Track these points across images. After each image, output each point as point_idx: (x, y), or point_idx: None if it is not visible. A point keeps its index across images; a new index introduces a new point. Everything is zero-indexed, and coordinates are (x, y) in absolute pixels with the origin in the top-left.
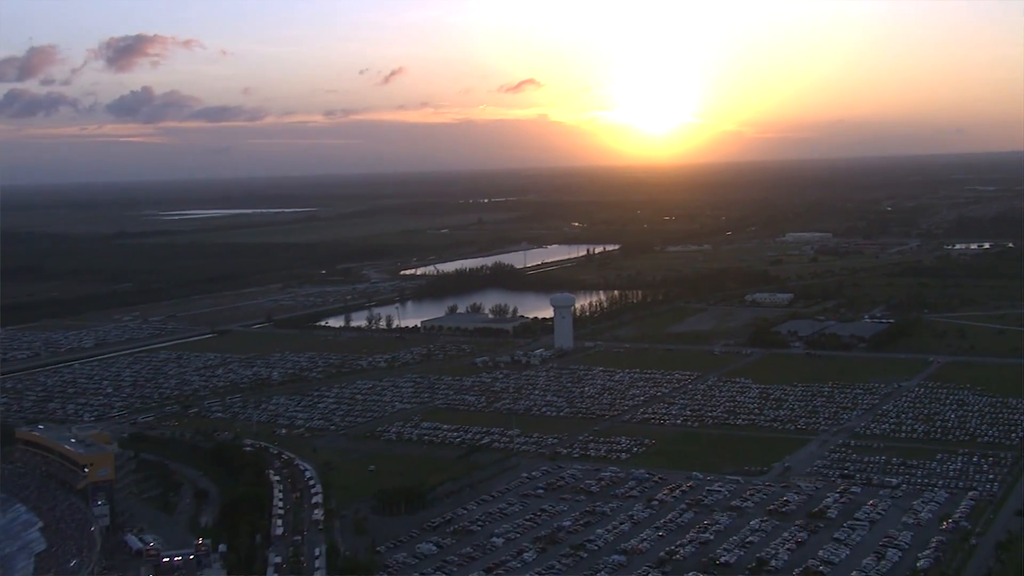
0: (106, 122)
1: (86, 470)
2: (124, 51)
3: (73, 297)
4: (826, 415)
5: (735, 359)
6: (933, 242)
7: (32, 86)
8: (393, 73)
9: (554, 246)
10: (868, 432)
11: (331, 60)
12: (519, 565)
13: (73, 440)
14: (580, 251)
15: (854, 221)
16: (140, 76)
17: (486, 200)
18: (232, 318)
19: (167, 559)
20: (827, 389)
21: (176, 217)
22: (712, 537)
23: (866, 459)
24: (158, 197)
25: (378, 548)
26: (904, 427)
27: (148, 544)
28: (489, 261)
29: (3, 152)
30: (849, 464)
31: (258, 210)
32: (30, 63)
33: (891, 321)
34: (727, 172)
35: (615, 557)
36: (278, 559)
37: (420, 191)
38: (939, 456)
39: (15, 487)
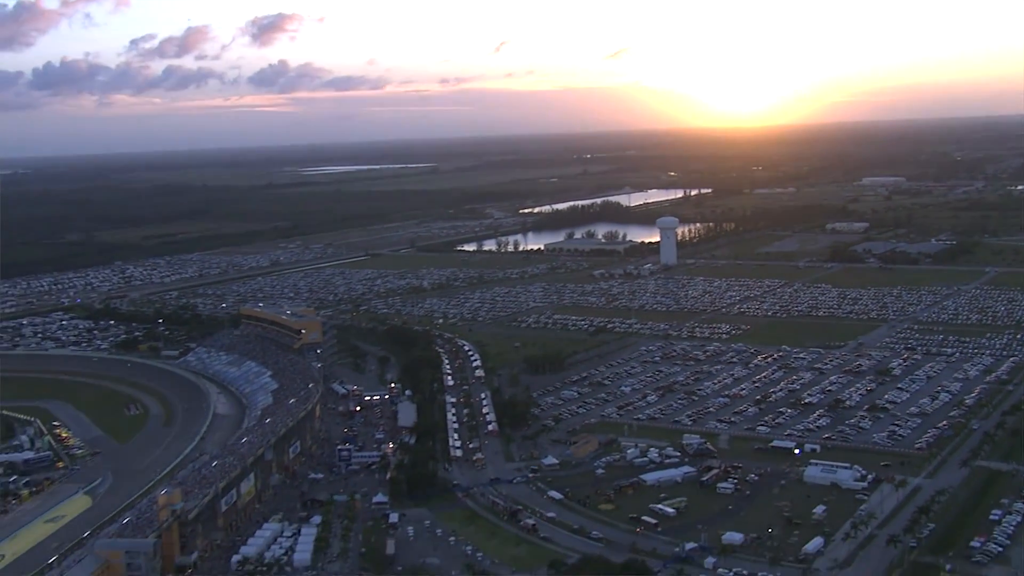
0: (247, 93)
1: (302, 332)
2: (266, 28)
3: (242, 232)
4: (895, 309)
5: (817, 271)
6: (997, 184)
7: (187, 62)
8: (502, 43)
9: (653, 191)
10: (930, 320)
11: (446, 32)
12: (644, 404)
13: (288, 312)
14: (677, 194)
15: (925, 168)
16: (278, 51)
17: (588, 156)
18: (380, 245)
19: (368, 397)
20: (896, 291)
21: (314, 172)
22: (798, 387)
23: (927, 338)
24: (294, 159)
25: (532, 394)
26: (961, 316)
27: (353, 387)
28: (597, 201)
29: (160, 121)
30: (912, 341)
31: (384, 166)
32: (187, 41)
33: (954, 242)
34: (811, 132)
35: (720, 399)
36: (453, 399)
37: (527, 150)
38: (988, 335)
39: (244, 349)
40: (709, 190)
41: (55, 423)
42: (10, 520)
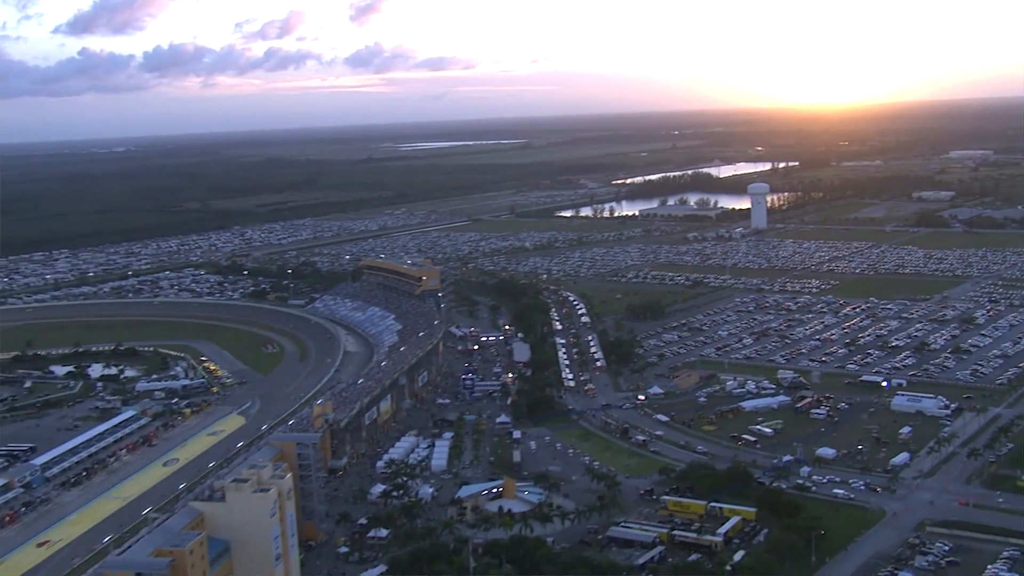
0: (343, 74)
1: (422, 280)
2: (363, 10)
3: (348, 200)
4: (979, 267)
5: (903, 235)
6: None
7: (287, 44)
8: (589, 26)
9: (741, 163)
10: (1014, 277)
11: (534, 13)
12: (740, 346)
13: (408, 262)
14: (765, 166)
15: (1012, 142)
16: (373, 32)
17: (676, 132)
18: (480, 211)
19: (484, 338)
20: (981, 252)
21: (409, 148)
22: (885, 332)
23: (1011, 292)
24: (389, 136)
25: (635, 336)
26: None
27: (470, 329)
28: (687, 172)
29: (261, 101)
30: (996, 295)
31: (477, 142)
32: (288, 23)
33: None
34: (897, 109)
35: (811, 342)
36: (562, 341)
37: (616, 127)
38: None
39: (367, 296)
40: (796, 163)
41: (203, 358)
42: (177, 433)
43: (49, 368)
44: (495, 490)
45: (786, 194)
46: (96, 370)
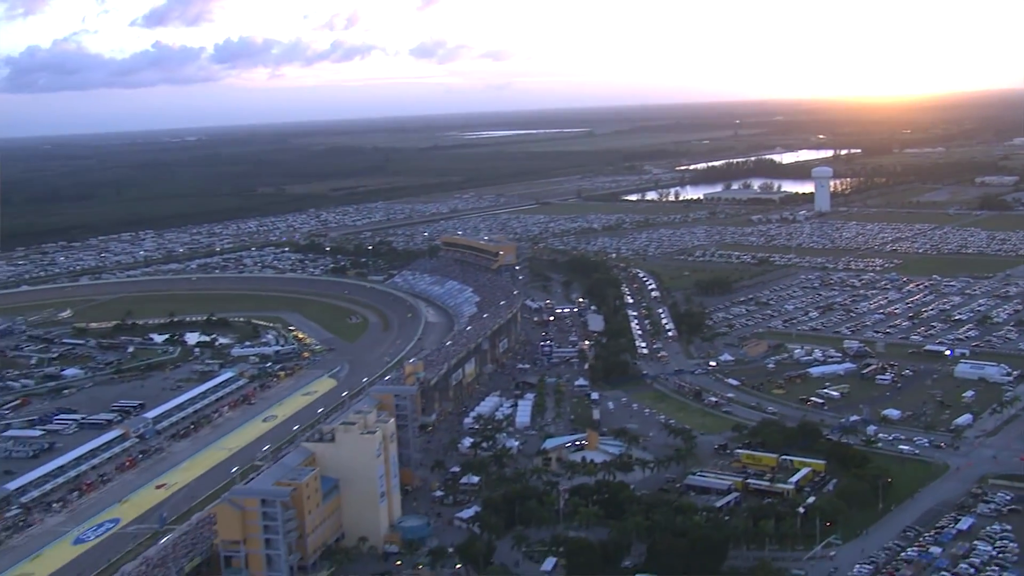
0: (407, 65)
1: (500, 255)
2: (428, 2)
3: (417, 184)
4: None
5: (966, 217)
6: None
7: (352, 35)
8: (645, 17)
9: (803, 151)
10: None
11: (591, 4)
12: (807, 319)
13: (485, 238)
14: (827, 153)
15: None
16: (437, 22)
17: (738, 121)
18: (547, 195)
19: (558, 310)
20: None
21: (474, 137)
22: (949, 307)
23: None
24: (452, 125)
25: (704, 310)
26: None
27: (545, 301)
28: (750, 158)
29: (327, 92)
30: None
31: (540, 131)
32: (353, 15)
33: None
34: (960, 99)
35: (876, 315)
36: (634, 313)
37: (677, 116)
38: None
39: (445, 271)
40: (858, 150)
41: (291, 327)
42: (273, 393)
43: (149, 336)
44: (578, 442)
45: (849, 179)
46: (192, 338)
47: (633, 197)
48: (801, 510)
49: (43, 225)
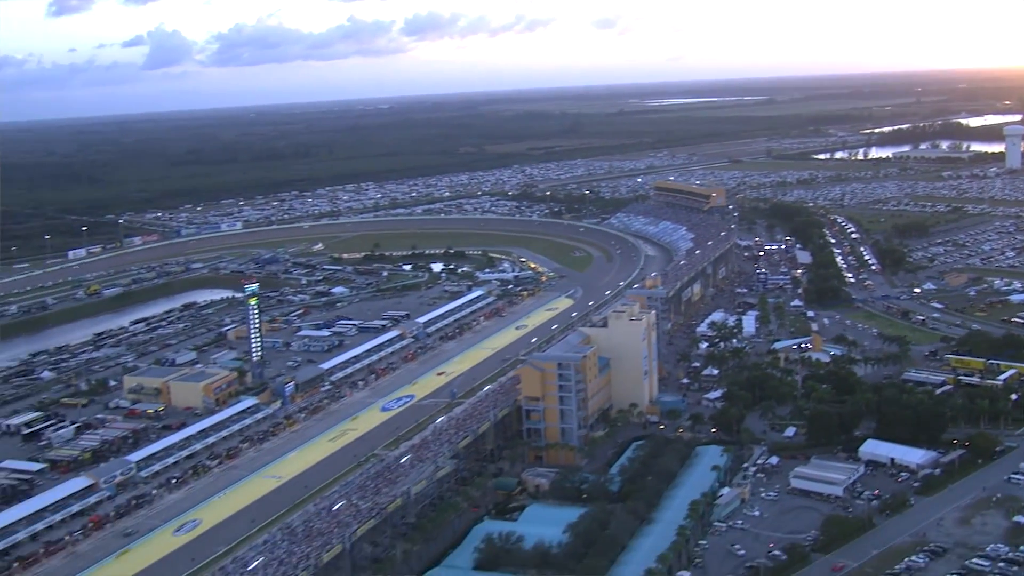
0: (585, 37)
1: (711, 196)
2: None
3: (611, 144)
4: None
5: None
6: None
7: (535, 7)
8: None
9: (989, 115)
10: None
11: None
12: (1003, 258)
13: (697, 183)
14: (1015, 117)
15: None
16: None
17: (919, 88)
18: (739, 154)
19: (767, 247)
20: None
21: (656, 104)
22: None
23: None
24: (631, 94)
25: (904, 248)
26: None
27: (755, 239)
28: (936, 121)
29: (511, 62)
30: None
31: (720, 98)
32: None
33: None
34: None
35: None
36: (839, 250)
37: (854, 85)
38: None
39: (658, 213)
40: None
41: (521, 259)
42: (519, 308)
43: (398, 264)
44: (804, 344)
45: None
46: (436, 266)
47: (822, 156)
48: (1014, 396)
49: (271, 179)
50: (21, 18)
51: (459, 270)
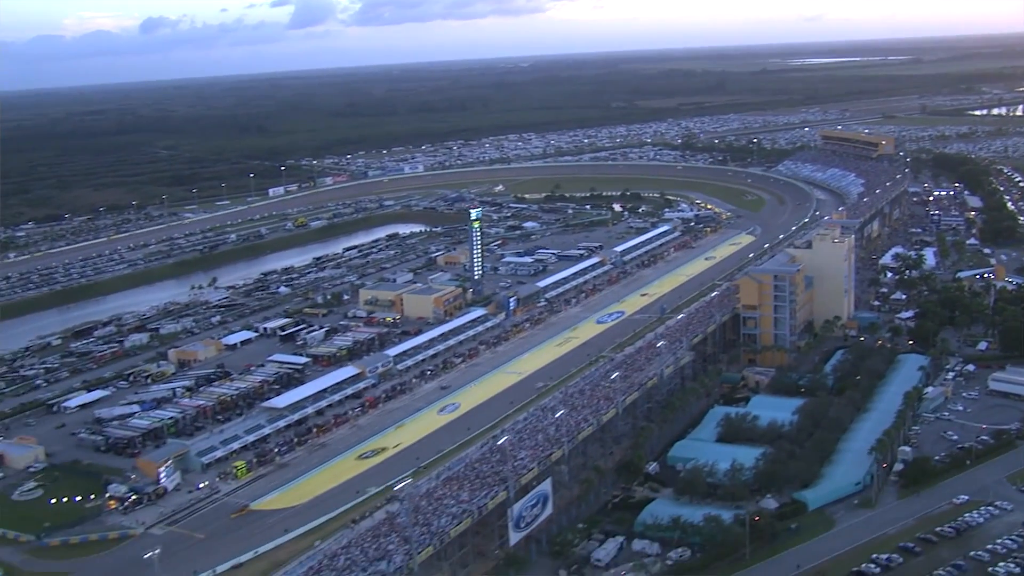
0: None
1: (881, 144)
2: None
3: (760, 100)
4: None
5: None
6: None
7: None
8: None
9: None
10: None
11: None
12: None
13: (865, 131)
14: None
15: None
16: None
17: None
18: (892, 111)
19: (936, 192)
20: None
21: (799, 63)
22: None
23: None
24: (766, 55)
25: None
26: None
27: (924, 184)
28: None
29: (646, 22)
30: None
31: (863, 58)
32: None
33: None
34: None
35: None
36: (1008, 197)
37: (1007, 44)
38: None
39: (826, 160)
40: None
41: (697, 201)
42: (705, 242)
43: (581, 204)
44: (987, 275)
45: None
46: (616, 207)
47: (978, 112)
48: None
49: (434, 129)
50: None
51: (640, 210)
